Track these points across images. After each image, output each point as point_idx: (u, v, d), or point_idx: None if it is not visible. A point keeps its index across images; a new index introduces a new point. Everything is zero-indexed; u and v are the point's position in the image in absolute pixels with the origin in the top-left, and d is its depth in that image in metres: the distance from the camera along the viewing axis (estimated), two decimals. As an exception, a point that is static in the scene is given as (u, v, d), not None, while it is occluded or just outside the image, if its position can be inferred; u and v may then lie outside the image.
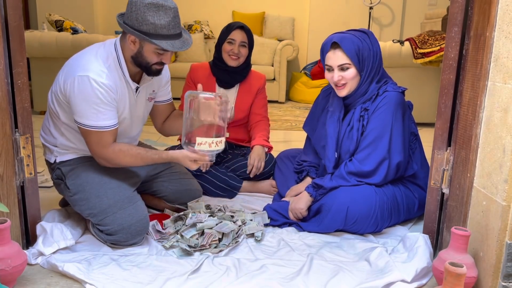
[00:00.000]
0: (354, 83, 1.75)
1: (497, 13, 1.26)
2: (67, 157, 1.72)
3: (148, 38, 1.50)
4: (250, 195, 2.22)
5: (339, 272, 1.48)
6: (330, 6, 6.01)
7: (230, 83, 2.29)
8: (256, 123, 2.35)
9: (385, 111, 1.73)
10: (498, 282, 1.26)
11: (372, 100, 1.77)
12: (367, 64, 1.73)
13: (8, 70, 1.44)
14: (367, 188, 1.74)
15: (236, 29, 2.20)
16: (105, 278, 1.40)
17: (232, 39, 2.19)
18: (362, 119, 1.78)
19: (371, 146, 1.74)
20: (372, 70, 1.75)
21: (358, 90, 1.77)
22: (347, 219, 1.71)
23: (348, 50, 1.70)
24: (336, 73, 1.74)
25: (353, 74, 1.73)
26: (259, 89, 2.34)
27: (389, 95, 1.74)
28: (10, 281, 1.32)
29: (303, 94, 5.50)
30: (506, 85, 1.22)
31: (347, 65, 1.72)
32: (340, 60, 1.72)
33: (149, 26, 1.49)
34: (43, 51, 4.04)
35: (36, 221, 1.59)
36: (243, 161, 2.25)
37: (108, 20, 6.23)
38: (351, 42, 1.71)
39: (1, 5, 1.40)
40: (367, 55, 1.72)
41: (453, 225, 1.46)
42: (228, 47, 2.20)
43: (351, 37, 1.72)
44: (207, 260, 1.53)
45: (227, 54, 2.21)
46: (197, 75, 2.30)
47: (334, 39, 1.73)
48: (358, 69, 1.73)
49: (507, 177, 1.21)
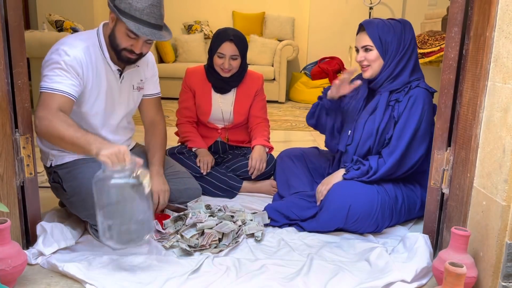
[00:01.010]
0: (376, 66, 1.81)
1: (497, 13, 1.26)
2: (63, 160, 1.72)
3: (119, 14, 1.54)
4: (250, 195, 2.22)
5: (339, 272, 1.48)
6: (330, 6, 6.01)
7: (226, 89, 2.29)
8: (256, 125, 2.35)
9: (415, 104, 1.76)
10: (498, 282, 1.26)
11: (405, 93, 1.79)
12: (391, 48, 1.78)
13: (8, 70, 1.44)
14: (369, 188, 1.74)
15: (226, 42, 2.15)
16: (105, 278, 1.39)
17: (222, 54, 2.16)
18: (392, 108, 1.80)
19: (400, 138, 1.76)
20: (397, 55, 1.79)
21: (382, 73, 1.81)
22: (348, 217, 1.71)
23: (371, 33, 1.79)
24: (360, 54, 1.84)
25: (374, 56, 1.80)
26: (257, 91, 2.33)
27: (420, 91, 1.77)
28: (10, 281, 1.32)
29: (303, 94, 5.50)
30: (506, 85, 1.22)
31: (369, 47, 1.80)
32: (363, 42, 1.81)
33: (126, 5, 1.53)
34: (43, 51, 4.00)
35: (36, 221, 1.59)
36: (244, 161, 2.25)
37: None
38: (375, 26, 1.79)
39: (1, 5, 1.40)
40: (391, 39, 1.77)
41: (453, 225, 1.46)
42: (219, 61, 2.18)
43: (378, 22, 1.81)
44: (207, 260, 1.52)
45: (219, 68, 2.20)
46: (193, 80, 2.29)
47: (362, 22, 1.83)
48: (381, 52, 1.79)
49: (507, 177, 1.21)
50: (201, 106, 2.29)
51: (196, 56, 5.60)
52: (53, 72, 1.55)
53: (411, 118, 1.75)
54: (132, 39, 1.59)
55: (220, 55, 2.16)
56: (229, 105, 2.31)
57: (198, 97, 2.29)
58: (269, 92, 4.98)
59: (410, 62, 1.81)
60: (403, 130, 1.76)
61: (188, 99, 2.30)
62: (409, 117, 1.75)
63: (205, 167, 2.18)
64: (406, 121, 1.76)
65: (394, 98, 1.81)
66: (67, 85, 1.56)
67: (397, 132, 1.77)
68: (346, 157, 1.89)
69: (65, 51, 1.57)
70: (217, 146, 2.37)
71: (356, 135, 1.85)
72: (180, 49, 5.60)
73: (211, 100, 2.29)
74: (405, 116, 1.76)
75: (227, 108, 2.31)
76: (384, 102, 1.81)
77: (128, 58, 1.65)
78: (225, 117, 2.33)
